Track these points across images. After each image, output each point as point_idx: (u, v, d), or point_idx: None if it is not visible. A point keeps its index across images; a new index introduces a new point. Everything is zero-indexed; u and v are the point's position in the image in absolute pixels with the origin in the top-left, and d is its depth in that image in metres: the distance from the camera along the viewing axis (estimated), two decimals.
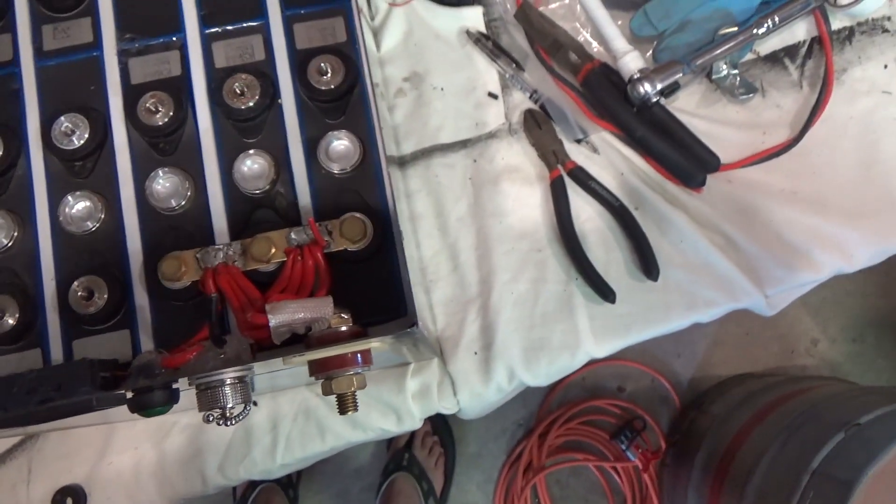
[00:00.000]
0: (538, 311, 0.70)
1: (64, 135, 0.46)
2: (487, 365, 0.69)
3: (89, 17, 0.49)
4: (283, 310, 0.38)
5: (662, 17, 0.71)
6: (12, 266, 0.46)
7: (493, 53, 0.76)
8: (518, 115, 0.75)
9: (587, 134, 0.73)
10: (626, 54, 0.70)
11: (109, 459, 0.70)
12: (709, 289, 0.69)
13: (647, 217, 0.70)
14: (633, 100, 0.69)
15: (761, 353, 1.41)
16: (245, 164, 0.46)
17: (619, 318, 0.69)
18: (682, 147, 0.70)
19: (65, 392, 0.38)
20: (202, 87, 0.48)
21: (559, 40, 0.73)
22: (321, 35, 0.48)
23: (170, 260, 0.43)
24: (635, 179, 0.72)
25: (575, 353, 0.69)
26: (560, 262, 0.71)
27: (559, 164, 0.72)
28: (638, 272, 0.70)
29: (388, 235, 0.45)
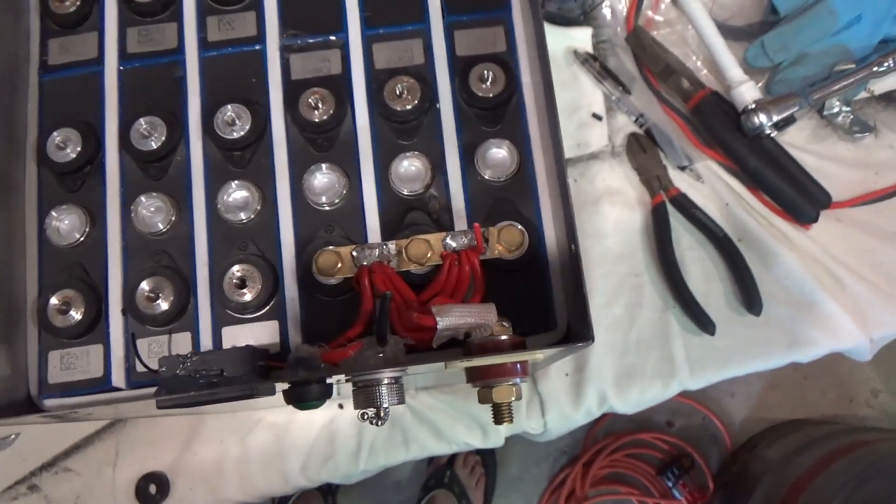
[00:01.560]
0: (633, 337, 0.69)
1: (226, 124, 0.47)
2: (579, 388, 0.69)
3: (254, 12, 0.50)
4: (451, 313, 0.37)
5: (780, 49, 0.71)
6: (168, 250, 0.46)
7: (599, 75, 0.76)
8: (622, 137, 0.75)
9: (692, 161, 0.73)
10: (742, 84, 0.69)
11: (195, 450, 0.70)
12: (812, 328, 0.68)
13: (752, 250, 0.69)
14: (747, 130, 0.69)
15: (818, 400, 1.38)
16: (402, 165, 0.46)
17: (716, 350, 0.68)
18: (792, 181, 0.69)
19: (227, 377, 0.38)
20: (362, 86, 0.48)
21: (670, 66, 0.73)
22: (481, 43, 0.48)
23: (327, 254, 0.43)
24: (740, 210, 0.71)
25: (668, 384, 0.69)
26: (657, 288, 0.70)
27: (662, 189, 0.71)
28: (738, 305, 0.69)
29: (541, 247, 0.45)
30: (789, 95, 0.69)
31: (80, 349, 0.45)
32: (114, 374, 0.45)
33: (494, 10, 0.49)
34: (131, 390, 0.44)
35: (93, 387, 0.45)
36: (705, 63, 0.75)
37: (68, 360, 0.45)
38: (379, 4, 0.50)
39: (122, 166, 0.48)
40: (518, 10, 0.49)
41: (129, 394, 0.44)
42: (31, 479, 0.69)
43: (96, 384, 0.45)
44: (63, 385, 0.45)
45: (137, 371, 0.45)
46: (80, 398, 0.45)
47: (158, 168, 0.48)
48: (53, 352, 0.46)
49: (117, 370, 0.45)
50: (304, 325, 0.45)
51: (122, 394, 0.44)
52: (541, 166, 0.47)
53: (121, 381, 0.45)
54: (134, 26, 0.50)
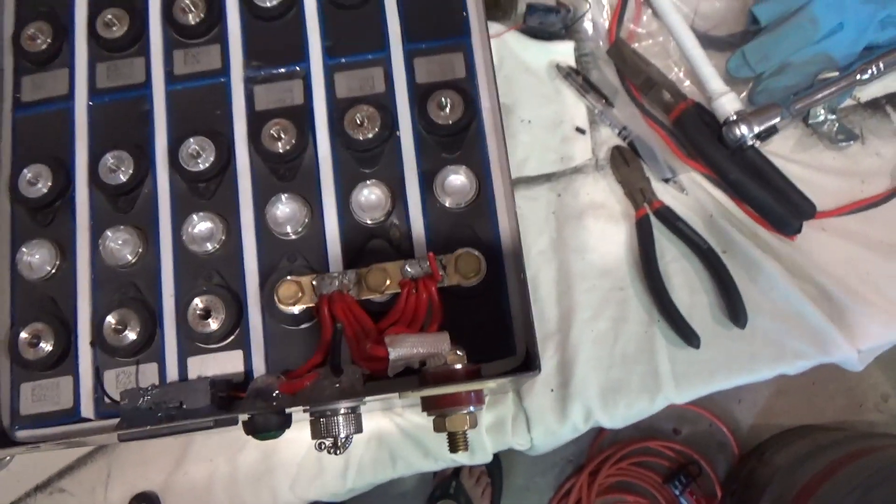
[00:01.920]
0: (618, 351, 0.69)
1: (191, 157, 0.48)
2: (564, 403, 0.68)
3: (218, 45, 0.51)
4: (402, 343, 0.38)
5: (761, 59, 0.70)
6: (135, 281, 0.47)
7: (582, 88, 0.76)
8: (605, 151, 0.74)
9: (676, 173, 0.72)
10: (723, 95, 0.69)
11: (185, 469, 0.71)
12: (798, 340, 0.67)
13: (736, 262, 0.69)
14: (728, 142, 0.68)
15: (827, 405, 1.36)
16: (362, 193, 0.47)
17: (702, 363, 0.68)
18: (776, 192, 0.68)
19: (186, 410, 0.38)
20: (323, 116, 0.49)
21: (652, 78, 0.72)
22: (441, 70, 0.48)
23: (287, 284, 0.44)
24: (725, 222, 0.70)
25: (654, 398, 0.68)
26: (642, 302, 0.70)
27: (646, 202, 0.71)
28: (724, 318, 0.68)
29: (500, 273, 0.45)
30: (771, 106, 0.68)
31: (50, 381, 0.46)
32: (83, 405, 0.46)
33: (454, 37, 0.49)
34: (100, 421, 0.45)
35: (63, 417, 0.46)
36: (687, 74, 0.74)
37: (39, 392, 0.46)
38: (340, 34, 0.50)
39: (91, 200, 0.49)
40: (478, 36, 0.49)
41: (97, 425, 0.45)
42: (25, 500, 0.70)
43: (67, 415, 0.46)
44: (35, 416, 0.46)
45: (106, 402, 0.46)
46: (52, 429, 0.46)
47: (126, 201, 0.49)
48: (25, 384, 0.47)
49: (86, 401, 0.46)
50: (269, 354, 0.46)
51: (90, 425, 0.45)
52: (500, 192, 0.47)
53: (90, 411, 0.46)
54: (103, 62, 0.52)
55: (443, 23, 0.50)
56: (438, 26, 0.50)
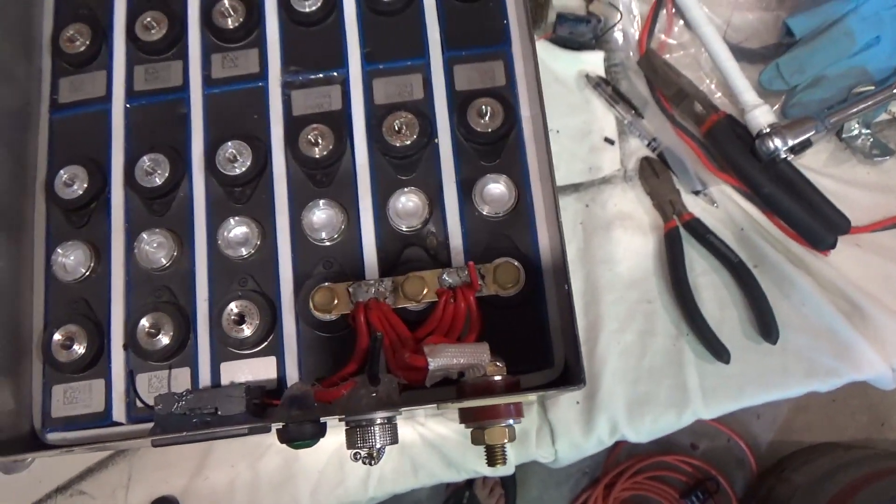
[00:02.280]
0: (645, 364, 0.68)
1: (228, 161, 0.47)
2: (590, 416, 0.68)
3: (257, 49, 0.51)
4: (442, 353, 0.37)
5: (795, 71, 0.70)
6: (169, 285, 0.47)
7: (611, 99, 0.75)
8: (634, 162, 0.74)
9: (706, 186, 0.72)
10: (756, 108, 0.68)
11: (206, 474, 0.71)
12: (831, 357, 0.66)
13: (767, 276, 0.68)
14: (761, 155, 0.67)
15: (848, 423, 1.34)
16: (399, 200, 0.46)
17: (731, 379, 0.67)
18: (809, 206, 0.67)
19: (221, 416, 0.38)
20: (361, 122, 0.49)
21: (684, 89, 0.72)
22: (480, 77, 0.48)
23: (323, 291, 0.43)
24: (756, 236, 0.69)
25: (682, 413, 0.67)
26: (670, 315, 0.69)
27: (675, 214, 0.70)
28: (754, 333, 0.67)
29: (539, 283, 0.45)
30: (805, 119, 0.67)
31: (82, 384, 0.46)
32: (114, 409, 0.46)
33: (494, 45, 0.49)
34: (131, 425, 0.45)
35: (94, 421, 0.46)
36: (719, 86, 0.74)
37: (71, 395, 0.46)
38: (379, 40, 0.50)
39: (126, 202, 0.49)
40: (518, 45, 0.49)
41: (128, 430, 0.45)
42: (46, 502, 0.70)
43: (98, 418, 0.46)
44: (66, 419, 0.46)
45: (138, 406, 0.46)
46: (82, 432, 0.46)
47: (162, 204, 0.48)
48: (57, 386, 0.47)
49: (118, 405, 0.46)
50: (302, 361, 0.45)
51: (121, 429, 0.45)
52: (540, 201, 0.46)
53: (121, 416, 0.46)
54: (141, 64, 0.52)
55: (483, 30, 0.49)
56: (479, 33, 0.49)
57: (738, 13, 0.76)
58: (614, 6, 0.76)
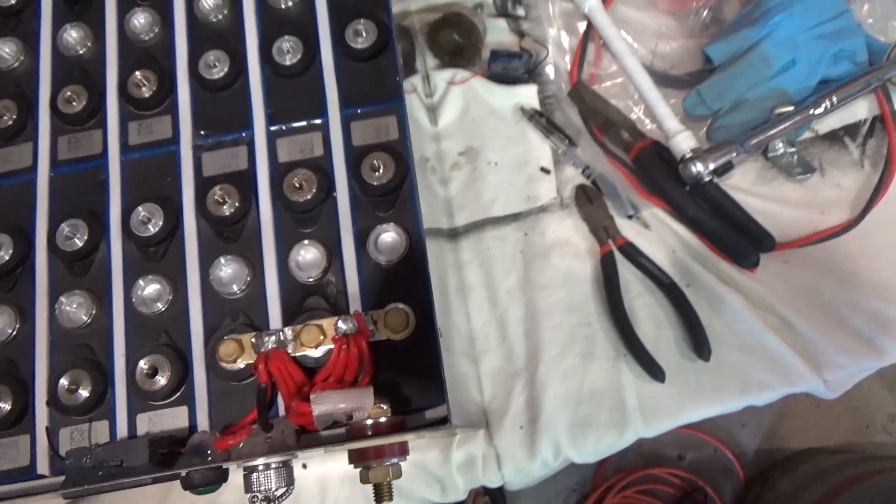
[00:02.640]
0: (586, 386, 0.70)
1: (141, 223, 0.51)
2: (533, 440, 0.69)
3: (170, 115, 0.54)
4: (326, 400, 0.40)
5: (716, 97, 0.72)
6: (88, 342, 0.50)
7: (546, 130, 0.78)
8: (570, 189, 0.76)
9: (639, 210, 0.73)
10: (678, 134, 0.70)
11: None
12: (763, 372, 0.67)
13: (700, 295, 0.69)
14: (686, 179, 0.69)
15: (832, 427, 1.34)
16: (300, 253, 0.49)
17: (668, 398, 0.68)
18: (735, 226, 0.69)
19: (126, 468, 0.41)
20: (266, 180, 0.52)
21: (611, 118, 0.74)
22: (375, 132, 0.51)
23: (227, 342, 0.46)
24: (687, 257, 0.71)
25: (623, 432, 0.68)
26: (609, 337, 0.71)
27: (610, 239, 0.72)
28: (689, 351, 0.69)
29: (431, 325, 0.47)
30: (725, 143, 0.69)
31: (10, 440, 0.49)
32: (39, 463, 0.49)
33: (387, 101, 0.52)
34: (55, 477, 0.48)
35: (20, 475, 0.49)
36: (647, 114, 0.76)
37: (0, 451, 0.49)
38: (282, 101, 0.53)
39: (49, 266, 0.52)
40: (408, 99, 0.52)
41: (53, 481, 0.48)
42: None
43: (23, 472, 0.49)
44: None
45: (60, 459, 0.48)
46: (9, 486, 0.48)
47: (81, 266, 0.52)
48: None
49: (42, 459, 0.49)
50: (213, 409, 0.48)
51: (47, 481, 0.48)
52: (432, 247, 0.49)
53: (45, 469, 0.49)
54: (64, 135, 0.55)
55: (377, 88, 0.52)
56: (373, 91, 0.52)
57: (664, 42, 0.78)
58: (541, 44, 0.78)
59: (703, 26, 0.78)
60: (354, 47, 0.52)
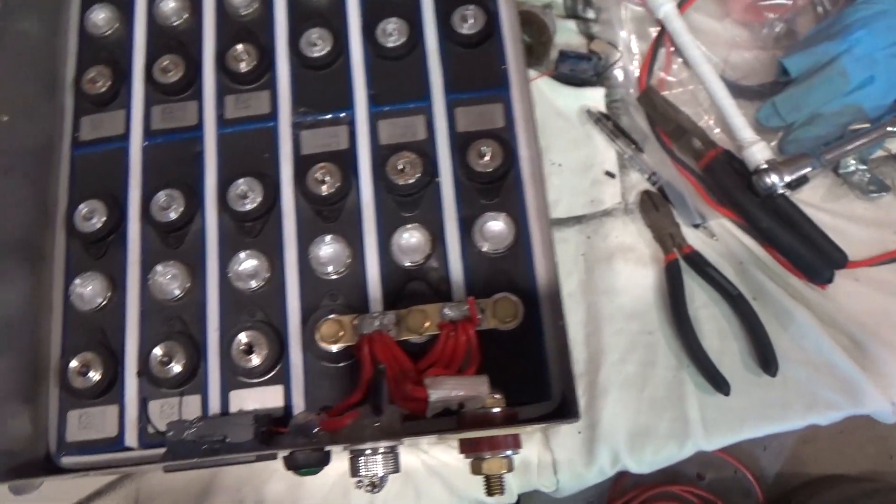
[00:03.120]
0: (646, 395, 0.68)
1: (239, 197, 0.50)
2: (591, 446, 0.68)
3: (268, 91, 0.53)
4: (442, 385, 0.39)
5: (792, 109, 0.71)
6: (182, 315, 0.49)
7: (612, 133, 0.77)
8: (635, 195, 0.75)
9: (706, 219, 0.73)
10: (754, 144, 0.70)
11: (211, 500, 0.71)
12: (830, 390, 0.66)
13: (767, 309, 0.68)
14: (759, 190, 0.68)
15: (856, 455, 1.33)
16: (403, 237, 0.48)
17: (731, 411, 0.67)
18: (807, 241, 0.68)
19: (230, 444, 0.40)
20: (367, 161, 0.51)
21: (682, 125, 0.73)
22: (480, 119, 0.50)
23: (330, 323, 0.45)
24: (755, 269, 0.70)
25: (683, 444, 0.67)
26: (671, 346, 0.70)
27: (675, 247, 0.71)
28: (754, 365, 0.68)
29: (537, 317, 0.46)
30: (801, 156, 0.69)
31: (97, 409, 0.48)
32: (127, 435, 0.48)
33: (494, 89, 0.51)
34: (143, 450, 0.47)
35: (107, 446, 0.47)
36: (717, 122, 0.75)
37: (86, 420, 0.48)
38: (385, 83, 0.52)
39: (142, 236, 0.51)
40: (517, 88, 0.51)
41: (139, 454, 0.46)
42: None
43: (110, 444, 0.47)
44: (80, 444, 0.48)
45: (149, 432, 0.47)
46: (96, 457, 0.47)
47: (176, 238, 0.51)
48: (72, 411, 0.48)
49: (130, 431, 0.48)
50: (308, 390, 0.47)
51: (133, 454, 0.47)
52: (537, 238, 0.48)
53: (133, 441, 0.47)
54: (158, 104, 0.54)
55: (483, 75, 0.52)
56: (479, 78, 0.52)
57: (736, 52, 0.78)
58: (613, 45, 0.78)
59: (776, 38, 0.78)
60: (460, 32, 0.52)
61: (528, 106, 0.47)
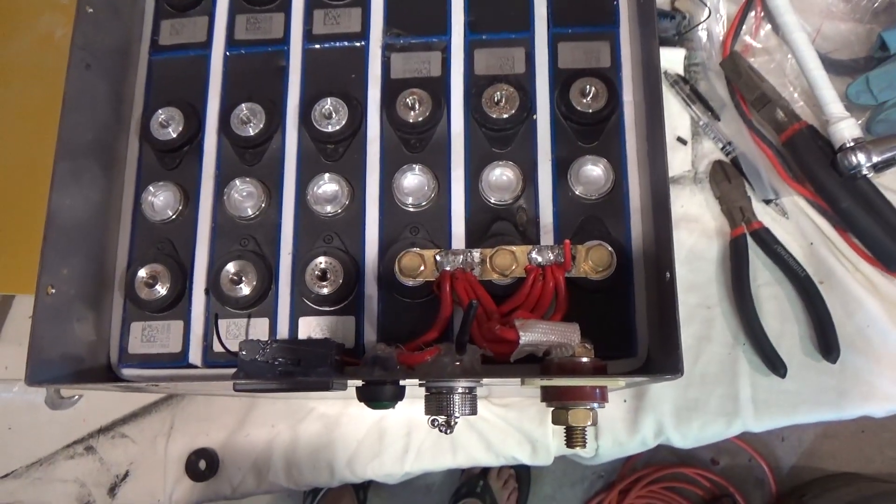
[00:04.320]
0: (698, 370, 0.67)
1: (323, 117, 0.47)
2: (636, 415, 0.67)
3: (360, 8, 0.50)
4: (534, 329, 0.37)
5: (885, 87, 0.68)
6: (255, 235, 0.47)
7: (689, 98, 0.74)
8: (706, 164, 0.73)
9: (779, 195, 0.70)
10: (842, 120, 0.67)
11: (246, 431, 0.71)
12: (891, 382, 0.64)
13: (834, 293, 0.66)
14: (842, 169, 0.66)
15: (875, 455, 1.32)
16: (493, 173, 0.46)
17: (785, 394, 0.66)
18: (885, 226, 0.66)
19: (305, 368, 0.38)
20: (460, 91, 0.48)
21: (766, 95, 0.70)
22: (585, 57, 0.47)
23: (411, 255, 0.43)
24: (826, 252, 0.68)
25: (731, 422, 0.66)
26: (729, 323, 0.68)
27: (744, 221, 0.69)
28: (814, 350, 0.66)
29: (628, 271, 0.44)
30: (892, 137, 0.66)
31: (161, 323, 0.46)
32: (191, 352, 0.46)
33: (602, 25, 0.48)
34: (206, 369, 0.45)
35: (170, 361, 0.46)
36: (802, 95, 0.72)
37: (149, 333, 0.46)
38: (485, 10, 0.49)
39: (219, 149, 0.49)
40: (626, 27, 0.48)
41: (204, 372, 0.45)
42: (88, 441, 0.71)
43: (174, 359, 0.46)
44: (142, 356, 0.46)
45: (214, 351, 0.46)
46: (156, 371, 0.46)
47: (253, 154, 0.48)
48: (136, 323, 0.47)
49: (195, 348, 0.46)
50: (380, 323, 0.45)
51: (197, 371, 0.45)
52: (635, 188, 0.45)
53: (197, 359, 0.46)
54: (243, 14, 0.51)
55: (592, 9, 0.48)
56: (587, 12, 0.48)
57: (830, 22, 0.74)
58: (703, 3, 0.74)
59: (875, 12, 0.74)
60: None
61: (639, 47, 0.44)
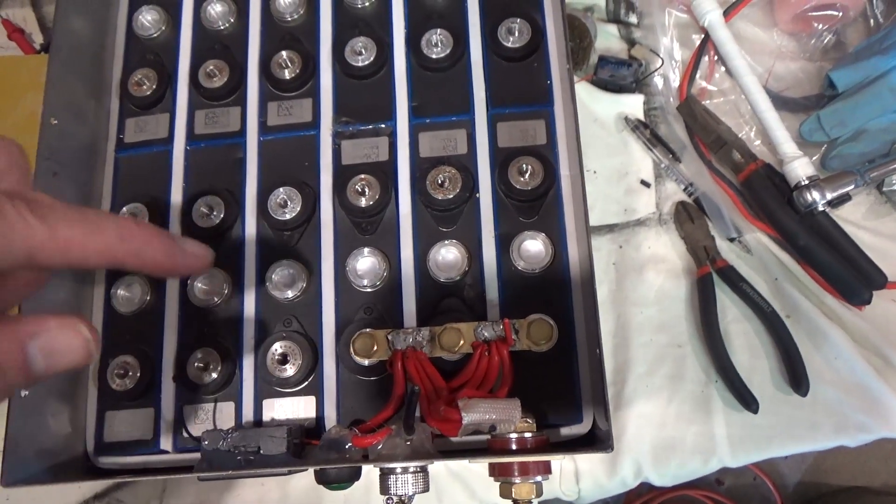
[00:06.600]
0: (672, 409, 0.68)
1: (279, 205, 0.50)
2: (615, 457, 0.68)
3: (311, 99, 0.53)
4: (476, 408, 0.39)
5: (837, 124, 0.70)
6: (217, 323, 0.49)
7: (649, 142, 0.76)
8: (670, 205, 0.74)
9: (742, 233, 0.72)
10: (796, 159, 0.69)
11: (237, 491, 0.73)
12: (861, 413, 0.65)
13: (800, 327, 0.68)
14: (799, 206, 0.67)
15: (880, 469, 1.32)
16: (440, 252, 0.48)
17: (759, 429, 0.67)
18: (846, 260, 0.67)
19: (264, 456, 0.40)
20: (406, 174, 0.51)
21: (722, 136, 0.72)
22: (522, 135, 0.50)
23: (364, 337, 0.45)
24: (790, 286, 0.69)
25: (708, 460, 0.67)
26: (700, 361, 0.69)
27: (709, 260, 0.71)
28: (784, 384, 0.67)
29: (571, 340, 0.46)
30: (845, 173, 0.68)
31: (132, 412, 0.49)
32: (162, 438, 0.48)
33: (537, 105, 0.50)
34: (177, 454, 0.48)
35: (143, 448, 0.48)
36: (758, 135, 0.74)
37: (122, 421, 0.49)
38: (427, 95, 0.52)
39: None
40: (560, 105, 0.50)
41: (174, 458, 0.47)
42: None
43: (146, 446, 0.48)
44: (116, 445, 0.49)
45: (184, 436, 0.48)
46: (132, 458, 0.48)
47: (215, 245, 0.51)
48: (110, 412, 0.49)
49: (165, 434, 0.48)
50: (340, 401, 0.47)
51: (167, 457, 0.48)
52: (575, 260, 0.48)
53: (168, 444, 0.48)
54: (202, 109, 0.54)
55: (527, 90, 0.51)
56: (523, 93, 0.51)
57: (781, 62, 0.76)
58: (655, 52, 0.77)
59: (824, 50, 0.76)
60: (506, 46, 0.51)
61: (573, 123, 0.46)
